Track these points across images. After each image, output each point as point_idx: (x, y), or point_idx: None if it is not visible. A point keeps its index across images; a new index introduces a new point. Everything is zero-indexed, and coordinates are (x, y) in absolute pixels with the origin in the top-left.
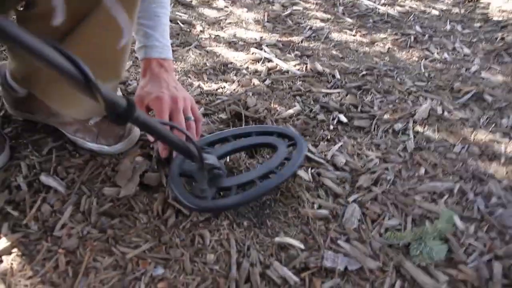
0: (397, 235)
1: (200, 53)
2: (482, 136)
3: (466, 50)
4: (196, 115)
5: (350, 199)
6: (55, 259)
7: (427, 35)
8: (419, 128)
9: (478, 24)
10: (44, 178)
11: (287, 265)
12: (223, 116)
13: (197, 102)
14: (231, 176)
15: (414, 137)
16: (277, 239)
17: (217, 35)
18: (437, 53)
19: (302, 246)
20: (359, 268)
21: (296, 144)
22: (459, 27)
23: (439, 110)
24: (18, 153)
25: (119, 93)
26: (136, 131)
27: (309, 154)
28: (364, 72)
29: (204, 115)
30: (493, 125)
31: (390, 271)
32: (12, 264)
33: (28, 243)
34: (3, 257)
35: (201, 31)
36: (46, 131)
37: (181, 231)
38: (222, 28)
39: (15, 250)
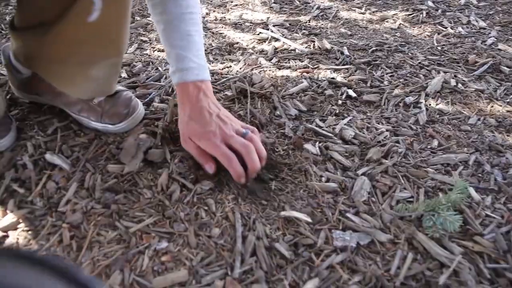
0: (409, 207)
1: (205, 35)
2: (499, 107)
3: (482, 23)
4: (249, 127)
5: (359, 172)
6: (60, 234)
7: (440, 10)
8: (431, 101)
9: None
10: (49, 156)
11: (293, 241)
12: (228, 93)
13: None
14: None
15: (427, 109)
16: (283, 212)
17: (223, 17)
18: (451, 27)
19: (309, 220)
20: (370, 241)
21: None
22: (474, 0)
23: (453, 82)
24: (25, 133)
25: (124, 74)
26: (141, 109)
27: (317, 128)
28: (374, 48)
29: None
30: (510, 96)
31: (401, 243)
32: (18, 239)
33: (33, 219)
34: (9, 232)
35: (206, 13)
36: (52, 112)
37: (185, 205)
38: (228, 10)
39: (20, 225)
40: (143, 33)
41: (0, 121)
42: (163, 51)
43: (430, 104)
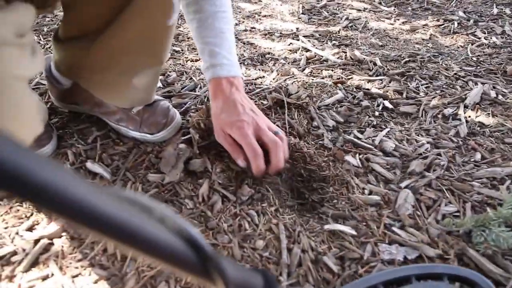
0: (456, 222)
1: (237, 44)
2: None
3: None
4: (280, 134)
5: (402, 184)
6: (104, 243)
7: (472, 20)
8: (471, 113)
9: None
10: (90, 164)
11: (339, 255)
12: (264, 102)
13: None
14: None
15: (467, 122)
16: (327, 226)
17: (253, 27)
18: (485, 37)
19: (354, 233)
20: (417, 256)
21: None
22: (507, 10)
23: (493, 93)
24: (65, 141)
25: (159, 84)
26: (178, 119)
27: (356, 140)
28: (406, 59)
29: None
30: None
31: (451, 259)
32: (63, 247)
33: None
34: (54, 240)
35: (236, 23)
36: (91, 121)
37: (227, 217)
38: (257, 20)
39: (65, 233)
40: (175, 43)
41: (43, 130)
42: (196, 61)
43: (469, 116)
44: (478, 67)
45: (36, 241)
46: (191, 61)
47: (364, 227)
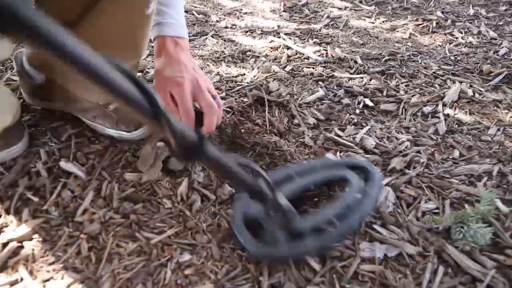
0: (436, 219)
1: (217, 42)
2: None
3: (493, 34)
4: (217, 97)
5: (383, 182)
6: (77, 245)
7: (449, 20)
8: (449, 111)
9: (504, 8)
10: (63, 164)
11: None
12: (244, 100)
13: (217, 88)
14: (302, 216)
15: (445, 120)
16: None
17: (234, 24)
18: (462, 37)
19: None
20: (398, 254)
21: (369, 175)
22: (483, 11)
23: (470, 92)
24: (37, 140)
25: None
26: None
27: (337, 138)
28: (387, 57)
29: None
30: None
31: (431, 256)
32: (33, 250)
33: (49, 229)
34: (24, 243)
35: (217, 21)
36: (65, 118)
37: (206, 216)
38: (238, 18)
39: (36, 236)
40: None
41: (13, 127)
42: None
43: (448, 114)
44: (456, 66)
45: (5, 245)
46: None
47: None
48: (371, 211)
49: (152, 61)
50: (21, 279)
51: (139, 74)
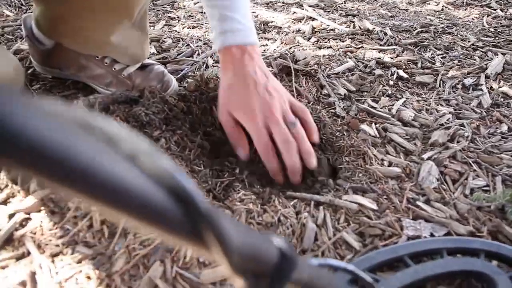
0: (487, 197)
1: None
2: None
3: None
4: (300, 114)
5: (425, 156)
6: (89, 218)
7: None
8: (493, 84)
9: None
10: None
11: (358, 230)
12: (269, 69)
13: None
14: None
15: (489, 92)
16: (345, 196)
17: None
18: (500, 9)
19: (374, 207)
20: (446, 233)
21: None
22: None
23: None
24: None
25: (153, 50)
26: (175, 85)
27: (371, 109)
28: (419, 30)
29: None
30: None
31: (485, 237)
32: (41, 222)
33: (58, 200)
34: (32, 215)
35: None
36: (76, 87)
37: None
38: None
39: (43, 207)
40: (170, 10)
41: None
42: (193, 28)
43: (492, 87)
44: (497, 38)
45: (11, 216)
46: (187, 28)
47: (385, 201)
48: None
49: (169, 31)
50: (28, 253)
51: (154, 43)
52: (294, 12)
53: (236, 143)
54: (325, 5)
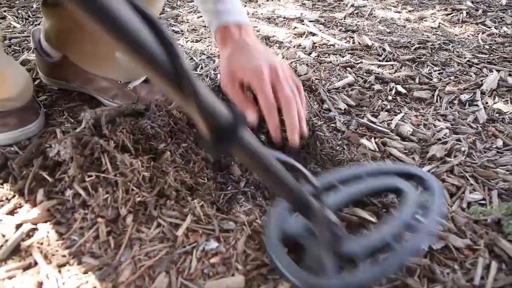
0: (484, 210)
1: None
2: None
3: None
4: (297, 83)
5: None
6: (95, 229)
7: (480, 10)
8: (488, 100)
9: None
10: None
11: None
12: None
13: None
14: (352, 236)
15: (485, 108)
16: (346, 209)
17: (255, 12)
18: (495, 27)
19: (373, 220)
20: (443, 246)
21: (427, 186)
22: None
23: (510, 80)
24: (53, 120)
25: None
26: None
27: (370, 124)
28: (416, 46)
29: None
30: None
31: (482, 250)
32: (48, 233)
33: (64, 211)
34: (39, 225)
35: None
36: (82, 99)
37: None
38: (259, 5)
39: (50, 218)
40: (174, 23)
41: (28, 105)
42: (196, 41)
43: (487, 103)
44: (492, 55)
45: (18, 226)
46: (191, 42)
47: (384, 214)
48: (436, 229)
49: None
50: (35, 263)
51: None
52: (295, 27)
53: (244, 107)
54: (325, 20)
